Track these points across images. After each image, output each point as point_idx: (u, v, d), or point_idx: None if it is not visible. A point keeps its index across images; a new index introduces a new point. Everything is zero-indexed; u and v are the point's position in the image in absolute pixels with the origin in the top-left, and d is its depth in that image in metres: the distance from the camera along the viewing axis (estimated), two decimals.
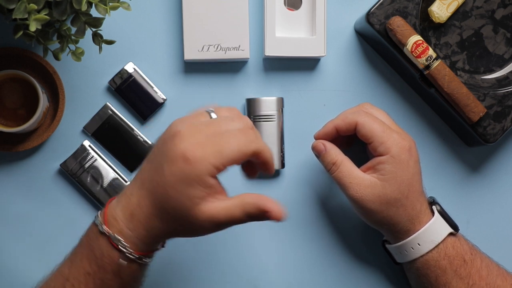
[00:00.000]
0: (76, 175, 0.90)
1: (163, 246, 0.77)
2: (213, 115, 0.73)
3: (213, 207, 0.71)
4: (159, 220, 0.71)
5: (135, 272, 0.74)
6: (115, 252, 0.72)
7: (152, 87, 0.91)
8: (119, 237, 0.71)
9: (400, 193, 0.82)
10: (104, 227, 0.72)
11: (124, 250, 0.72)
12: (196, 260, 0.91)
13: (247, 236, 0.92)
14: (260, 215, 0.72)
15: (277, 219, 0.72)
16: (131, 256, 0.72)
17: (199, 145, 0.70)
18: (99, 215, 0.74)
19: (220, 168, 0.70)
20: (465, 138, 0.93)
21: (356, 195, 0.82)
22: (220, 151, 0.70)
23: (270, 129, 0.90)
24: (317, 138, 0.87)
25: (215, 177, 0.70)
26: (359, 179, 0.82)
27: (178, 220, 0.71)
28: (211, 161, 0.69)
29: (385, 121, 0.85)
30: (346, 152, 0.85)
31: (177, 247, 0.91)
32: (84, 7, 0.73)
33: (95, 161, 0.90)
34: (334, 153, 0.84)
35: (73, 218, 0.90)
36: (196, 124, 0.72)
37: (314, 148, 0.86)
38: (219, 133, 0.71)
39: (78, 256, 0.74)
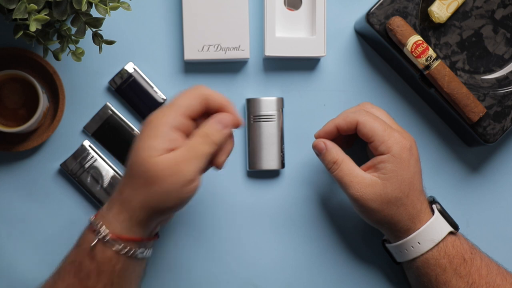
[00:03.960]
0: (76, 175, 0.90)
1: (141, 240, 0.77)
2: None
3: (177, 153, 0.74)
4: (127, 186, 0.75)
5: (111, 260, 0.75)
6: (92, 235, 0.75)
7: (152, 87, 0.91)
8: (98, 221, 0.75)
9: (401, 192, 0.82)
10: (91, 215, 0.77)
11: (98, 230, 0.74)
12: (196, 260, 0.91)
13: (247, 236, 0.92)
14: (220, 120, 0.77)
15: (237, 123, 0.78)
16: (103, 236, 0.74)
17: (158, 110, 0.76)
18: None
19: (177, 118, 0.75)
20: (465, 138, 0.93)
21: (357, 194, 0.82)
22: (173, 103, 0.76)
23: (270, 129, 0.90)
24: (317, 137, 0.87)
25: (177, 132, 0.75)
26: (360, 178, 0.82)
27: (143, 179, 0.73)
28: (165, 112, 0.75)
29: (385, 120, 0.85)
30: (346, 152, 0.85)
31: (176, 247, 0.91)
32: (84, 7, 0.73)
33: (95, 161, 0.90)
34: (335, 151, 0.84)
35: (73, 218, 0.90)
36: None
37: (314, 147, 0.86)
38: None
39: (69, 251, 0.79)
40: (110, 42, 0.79)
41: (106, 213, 0.76)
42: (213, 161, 0.78)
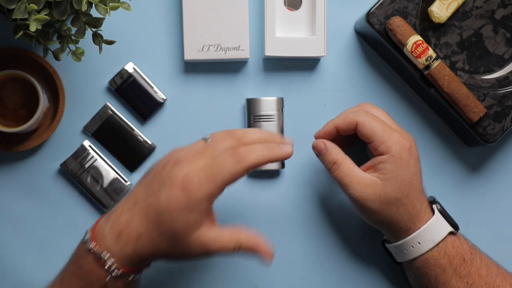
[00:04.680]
0: (76, 175, 0.90)
1: (148, 266, 0.78)
2: (209, 140, 0.77)
3: (207, 236, 0.74)
4: (149, 241, 0.73)
5: (121, 285, 0.75)
6: (102, 269, 0.73)
7: (152, 87, 0.91)
8: (106, 254, 0.73)
9: (401, 192, 0.82)
10: (92, 244, 0.74)
11: (110, 267, 0.73)
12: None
13: None
14: (251, 254, 0.76)
15: (266, 262, 0.77)
16: (116, 273, 0.73)
17: (196, 172, 0.73)
18: (88, 232, 0.76)
19: (216, 193, 0.74)
20: (465, 138, 0.93)
21: (357, 194, 0.82)
22: (215, 176, 0.73)
23: (270, 129, 0.90)
24: (317, 137, 0.87)
25: (210, 203, 0.74)
26: (360, 178, 0.82)
27: (169, 244, 0.73)
28: (207, 187, 0.72)
29: (385, 120, 0.85)
30: (346, 152, 0.85)
31: None
32: (84, 7, 0.73)
33: (95, 161, 0.90)
34: (335, 152, 0.84)
35: (73, 218, 0.90)
36: (194, 151, 0.75)
37: (314, 148, 0.86)
38: (213, 157, 0.74)
39: (68, 274, 0.76)
40: (110, 42, 0.79)
41: (114, 246, 0.73)
42: None
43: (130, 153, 0.91)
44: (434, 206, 0.85)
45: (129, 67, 0.90)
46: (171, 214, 0.72)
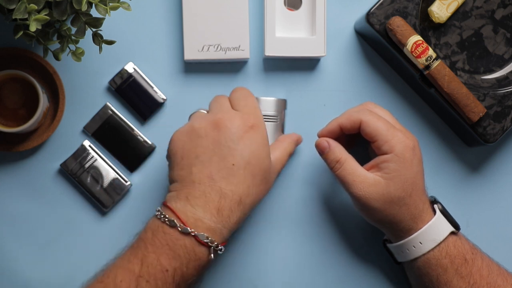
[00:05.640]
0: (76, 175, 0.90)
1: None
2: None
3: (276, 154, 0.85)
4: (250, 196, 0.78)
5: (210, 262, 0.77)
6: (202, 248, 0.76)
7: (152, 87, 0.91)
8: (207, 234, 0.76)
9: (404, 192, 0.82)
10: (189, 228, 0.75)
11: (212, 244, 0.76)
12: None
13: (247, 236, 0.92)
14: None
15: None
16: (217, 249, 0.77)
17: (247, 112, 0.81)
18: (174, 220, 0.76)
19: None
20: (465, 138, 0.93)
21: (360, 193, 0.82)
22: (255, 107, 0.81)
23: (271, 129, 0.90)
24: (320, 136, 0.87)
25: None
26: (363, 177, 0.82)
27: (263, 185, 0.80)
28: (261, 119, 0.81)
29: (388, 120, 0.85)
30: (349, 151, 0.85)
31: None
32: (84, 7, 0.73)
33: (95, 161, 0.90)
34: (338, 150, 0.84)
35: (73, 218, 0.90)
36: (227, 109, 0.82)
37: (317, 146, 0.86)
38: (242, 102, 0.82)
39: (150, 256, 0.75)
40: (110, 42, 0.79)
41: (215, 223, 0.76)
42: None
43: (130, 153, 0.91)
44: (435, 206, 0.85)
45: (129, 67, 0.90)
46: (255, 156, 0.78)
